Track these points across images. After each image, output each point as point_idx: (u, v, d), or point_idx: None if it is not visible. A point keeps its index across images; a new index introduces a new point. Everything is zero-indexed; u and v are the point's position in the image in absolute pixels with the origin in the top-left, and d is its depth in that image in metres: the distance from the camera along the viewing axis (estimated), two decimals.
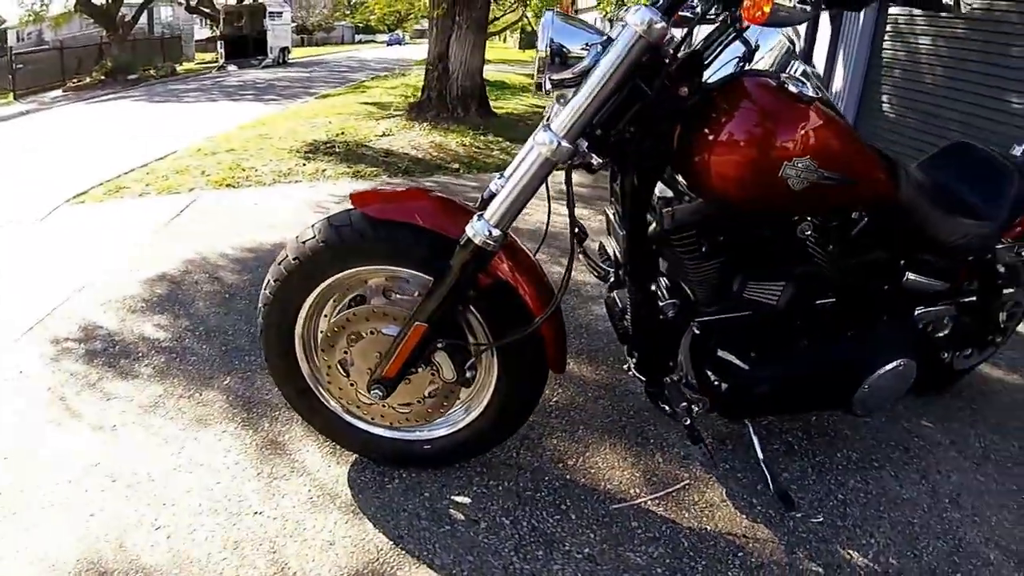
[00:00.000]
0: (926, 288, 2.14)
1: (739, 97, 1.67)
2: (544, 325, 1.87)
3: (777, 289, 1.87)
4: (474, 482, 2.17)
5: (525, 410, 2.13)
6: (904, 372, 2.08)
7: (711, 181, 1.69)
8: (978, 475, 2.32)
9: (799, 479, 2.24)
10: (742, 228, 1.85)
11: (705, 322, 1.94)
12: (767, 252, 1.87)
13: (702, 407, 2.01)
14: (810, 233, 1.85)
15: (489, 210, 1.71)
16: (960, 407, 2.66)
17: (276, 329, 1.99)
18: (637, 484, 2.21)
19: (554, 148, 1.59)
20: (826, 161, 1.67)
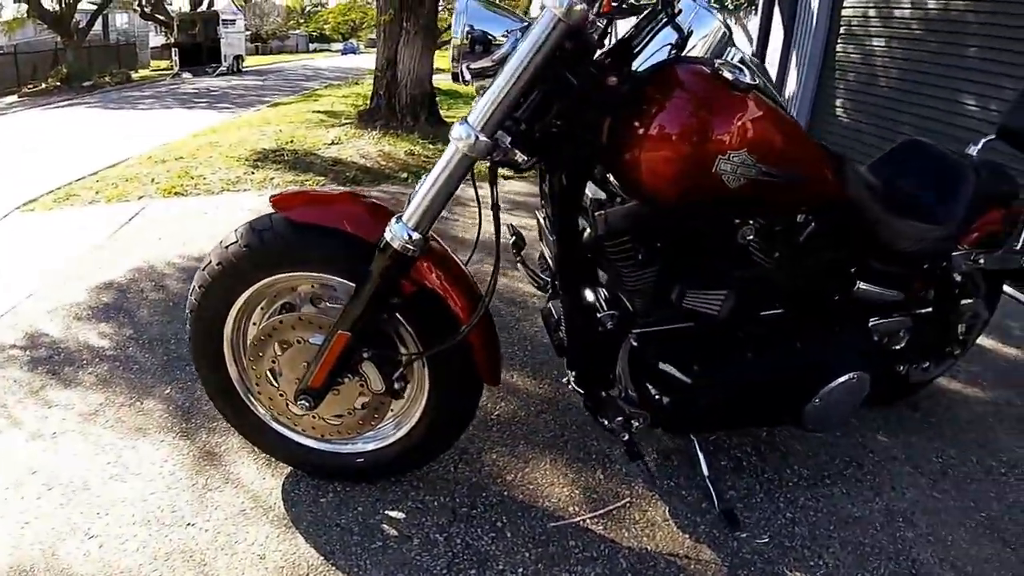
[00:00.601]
0: (879, 298, 2.01)
1: (670, 86, 1.52)
2: (473, 335, 1.74)
3: (719, 298, 1.72)
4: (409, 497, 2.04)
5: (459, 424, 2.01)
6: (857, 385, 1.95)
7: (642, 178, 1.54)
8: (935, 492, 2.18)
9: (746, 497, 2.10)
10: (680, 233, 1.70)
11: (643, 333, 1.79)
12: (707, 259, 1.73)
13: (642, 422, 1.87)
14: (752, 238, 1.71)
15: (407, 212, 1.58)
16: (918, 421, 2.54)
17: (204, 337, 1.89)
18: (577, 501, 2.07)
19: (471, 142, 1.46)
20: (765, 156, 1.53)
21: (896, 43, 5.05)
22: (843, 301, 1.96)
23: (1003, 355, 3.09)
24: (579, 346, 1.85)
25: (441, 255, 1.79)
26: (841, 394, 1.93)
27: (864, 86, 5.37)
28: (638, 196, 1.61)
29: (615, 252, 1.68)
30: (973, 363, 2.94)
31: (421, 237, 1.56)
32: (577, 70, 1.48)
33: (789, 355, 1.93)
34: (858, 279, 1.95)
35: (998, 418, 2.60)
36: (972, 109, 4.25)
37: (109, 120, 11.74)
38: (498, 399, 2.53)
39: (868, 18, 5.35)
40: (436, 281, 1.73)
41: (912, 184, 2.15)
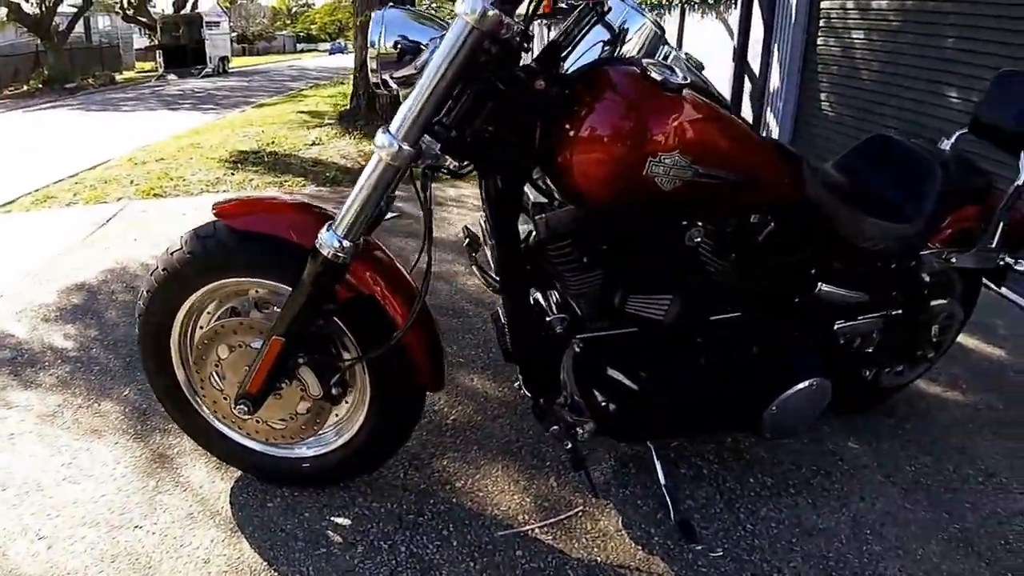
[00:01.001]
0: (843, 300, 1.88)
1: (599, 88, 1.45)
2: (412, 339, 1.69)
3: (663, 303, 1.63)
4: (356, 502, 1.96)
5: (401, 430, 1.93)
6: (817, 392, 1.82)
7: (574, 181, 1.46)
8: (906, 503, 2.06)
9: (705, 507, 1.97)
10: (622, 236, 1.61)
11: (588, 338, 1.69)
12: (651, 262, 1.63)
13: (586, 430, 1.75)
14: (701, 240, 1.61)
15: (337, 220, 1.54)
16: (892, 427, 2.41)
17: (152, 340, 1.88)
18: (527, 510, 1.95)
19: (393, 151, 1.42)
20: (701, 157, 1.44)
21: (876, 35, 4.89)
22: (804, 303, 1.83)
23: (985, 355, 2.95)
24: (523, 351, 1.74)
25: (380, 260, 1.75)
26: (800, 401, 1.80)
27: (847, 79, 5.22)
28: (572, 200, 1.53)
29: (557, 256, 1.59)
30: (954, 364, 2.80)
31: (352, 244, 1.52)
32: (503, 75, 1.42)
33: (744, 360, 1.81)
34: (820, 281, 1.83)
35: (977, 423, 2.47)
36: (954, 100, 4.11)
37: (91, 122, 11.66)
38: (455, 402, 2.41)
39: (847, 10, 5.20)
40: (373, 286, 1.70)
41: (878, 181, 2.02)
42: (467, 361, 2.74)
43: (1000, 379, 2.76)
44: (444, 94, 1.39)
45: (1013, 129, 2.08)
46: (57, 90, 18.66)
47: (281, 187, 5.53)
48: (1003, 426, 2.45)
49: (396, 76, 1.58)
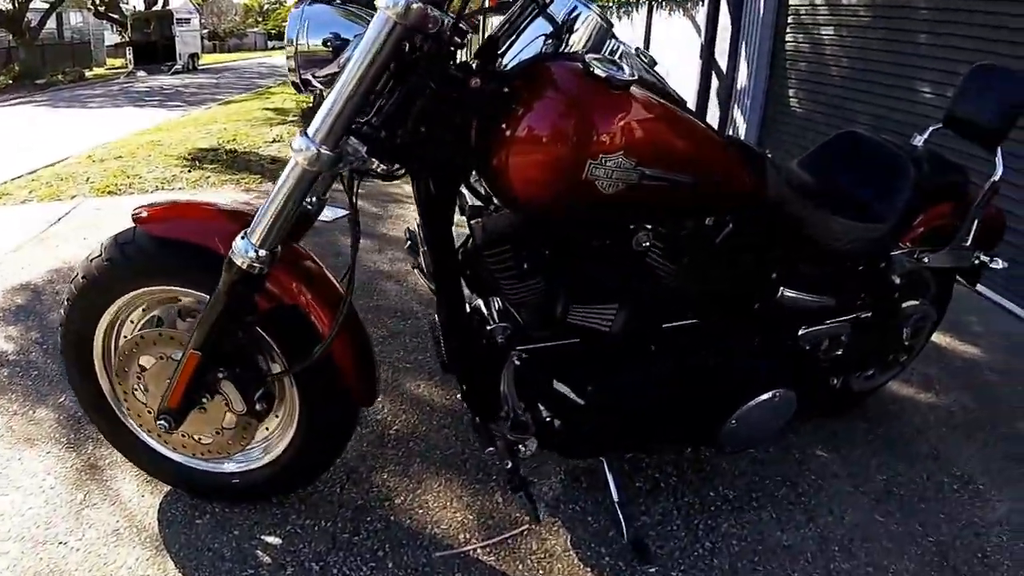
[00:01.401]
0: (808, 304, 1.73)
1: (538, 85, 1.30)
2: (340, 351, 1.56)
3: (608, 313, 1.48)
4: (289, 520, 1.79)
5: (333, 445, 1.78)
6: (780, 404, 1.67)
7: (511, 186, 1.32)
8: (877, 514, 1.91)
9: (661, 523, 1.81)
10: (564, 242, 1.46)
11: (528, 350, 1.52)
12: (596, 269, 1.48)
13: (530, 447, 1.59)
14: (651, 244, 1.46)
15: (252, 228, 1.39)
16: (863, 432, 2.25)
17: (74, 349, 1.76)
18: (470, 528, 1.78)
19: (311, 156, 1.27)
20: (648, 159, 1.29)
21: (846, 31, 4.75)
22: (765, 309, 1.67)
23: (959, 353, 2.82)
24: (461, 363, 1.59)
25: (305, 268, 1.60)
26: (761, 414, 1.65)
27: (816, 76, 5.09)
28: (509, 204, 1.38)
29: (494, 262, 1.44)
30: (928, 364, 2.66)
31: (268, 254, 1.39)
32: (435, 72, 1.28)
33: (700, 371, 1.64)
34: (782, 285, 1.67)
35: (952, 425, 2.32)
36: (927, 96, 3.98)
37: (56, 119, 11.32)
38: (399, 411, 2.24)
39: (816, 6, 5.06)
40: (297, 296, 1.56)
41: (846, 179, 1.88)
42: (414, 366, 2.56)
43: (975, 379, 2.62)
44: (365, 94, 1.26)
45: (989, 124, 1.93)
46: (28, 86, 18.12)
47: (238, 184, 5.31)
48: (978, 428, 2.31)
49: (319, 76, 1.47)
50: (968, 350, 2.85)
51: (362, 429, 2.11)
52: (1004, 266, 2.06)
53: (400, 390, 2.31)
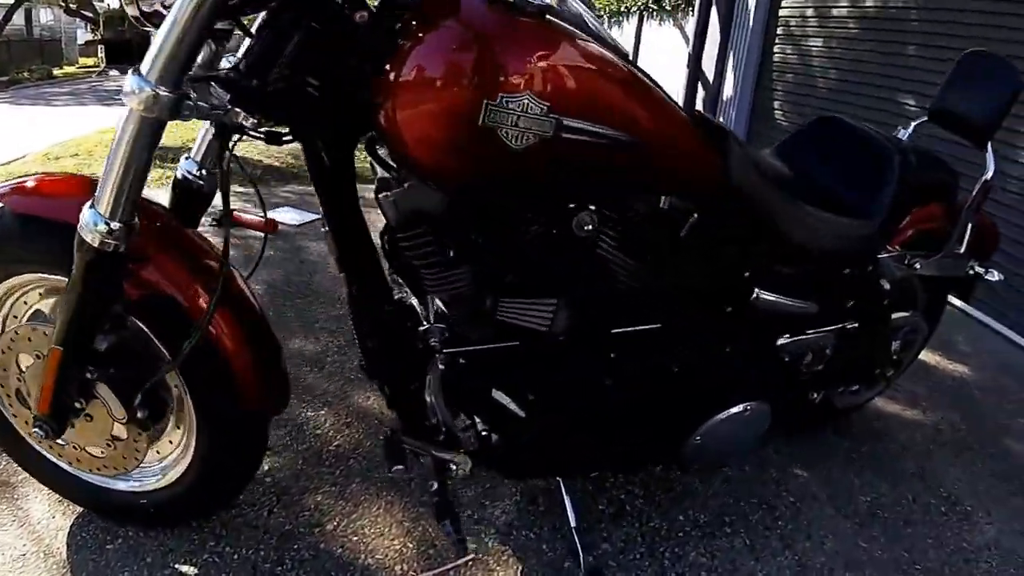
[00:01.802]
0: (786, 310, 1.54)
1: (433, 16, 1.06)
2: (236, 352, 1.34)
3: (546, 310, 1.26)
4: (207, 547, 1.58)
5: (241, 461, 1.55)
6: (751, 419, 1.49)
7: (406, 145, 1.07)
8: (860, 539, 1.73)
9: (623, 551, 1.62)
10: (491, 222, 1.22)
11: (457, 353, 1.30)
12: (533, 257, 1.24)
13: (462, 466, 1.39)
14: (594, 229, 1.22)
15: (97, 195, 1.16)
16: (845, 451, 2.08)
17: None
18: (408, 557, 1.58)
19: (147, 99, 1.04)
20: (564, 103, 1.05)
21: (835, 42, 4.64)
22: (738, 314, 1.48)
23: (947, 371, 2.65)
24: (380, 368, 1.38)
25: (187, 251, 1.37)
26: (730, 429, 1.47)
27: (803, 88, 4.97)
28: (410, 169, 1.12)
29: (411, 246, 1.19)
30: (914, 382, 2.49)
31: (123, 226, 1.16)
32: (312, 3, 1.07)
33: (659, 382, 1.45)
34: (756, 287, 1.47)
35: (939, 444, 2.15)
36: (912, 109, 3.86)
37: (17, 116, 10.90)
38: (342, 424, 2.03)
39: (806, 18, 4.95)
40: (173, 283, 1.33)
41: (824, 169, 1.68)
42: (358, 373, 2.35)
43: (962, 396, 2.46)
44: (208, 19, 1.02)
45: (979, 117, 1.76)
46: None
47: None
48: (965, 448, 2.14)
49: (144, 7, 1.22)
50: (955, 368, 2.69)
51: (299, 444, 1.92)
52: (1000, 278, 1.89)
53: (347, 402, 2.11)
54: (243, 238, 3.42)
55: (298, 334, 2.50)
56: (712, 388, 1.48)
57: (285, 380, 1.47)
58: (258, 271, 3.00)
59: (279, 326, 2.53)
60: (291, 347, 2.41)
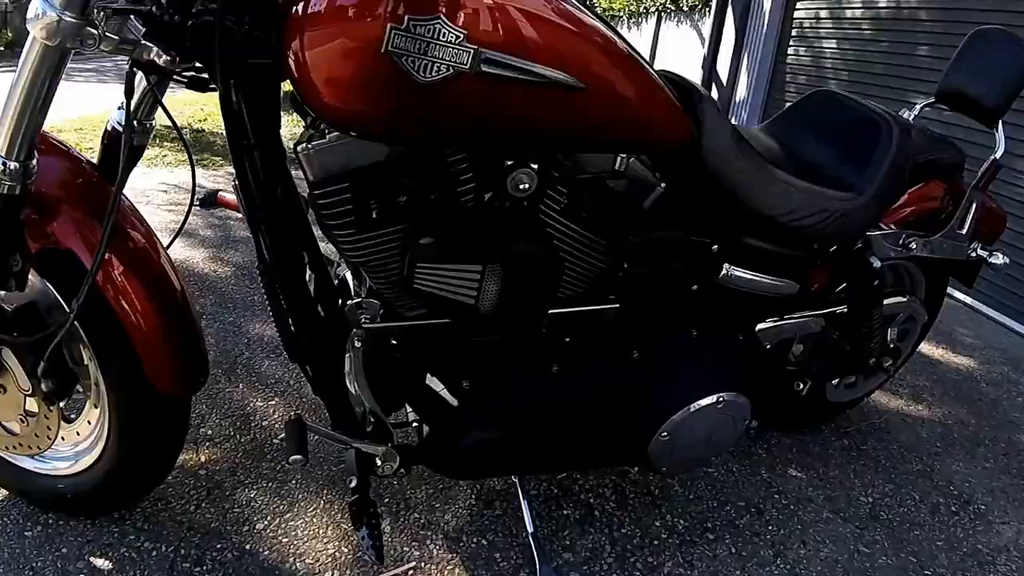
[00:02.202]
0: (763, 289, 1.33)
1: None
2: (144, 325, 1.17)
3: (470, 280, 1.04)
4: (127, 540, 1.38)
5: (157, 446, 1.36)
6: (726, 412, 1.28)
7: (314, 86, 0.89)
8: (862, 545, 1.51)
9: (589, 561, 1.40)
10: (421, 177, 1.03)
11: (375, 332, 1.11)
12: (458, 218, 1.05)
13: (391, 462, 1.17)
14: (532, 189, 1.03)
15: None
16: (842, 449, 1.86)
17: None
18: (343, 563, 1.36)
19: (51, 25, 0.92)
20: (483, 34, 0.86)
21: (848, 44, 4.50)
22: (706, 293, 1.27)
23: (951, 365, 2.43)
24: (297, 346, 1.16)
25: (90, 193, 1.19)
26: (703, 425, 1.26)
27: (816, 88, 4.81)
28: (320, 115, 0.94)
29: (327, 206, 1.00)
30: (917, 375, 2.28)
31: (18, 166, 1.05)
32: None
33: (618, 369, 1.25)
34: (726, 262, 1.26)
35: (947, 442, 1.93)
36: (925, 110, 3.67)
37: None
38: (291, 407, 1.83)
39: (820, 19, 4.80)
40: (71, 236, 1.16)
41: (815, 142, 1.48)
42: None
43: (971, 392, 2.24)
44: None
45: (990, 95, 1.57)
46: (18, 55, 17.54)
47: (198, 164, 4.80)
48: (977, 445, 1.93)
49: None
50: (961, 362, 2.46)
51: (242, 436, 1.71)
52: (1005, 261, 1.69)
53: (302, 393, 1.89)
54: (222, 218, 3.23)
55: (260, 319, 2.30)
56: (678, 377, 1.26)
57: (201, 360, 1.28)
58: (229, 253, 2.85)
59: (242, 309, 2.37)
60: (250, 332, 2.21)
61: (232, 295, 2.44)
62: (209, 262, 2.73)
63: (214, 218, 3.19)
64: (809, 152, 1.45)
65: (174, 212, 3.32)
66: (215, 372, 1.95)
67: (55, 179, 1.16)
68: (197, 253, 2.80)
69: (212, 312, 2.30)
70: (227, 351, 2.07)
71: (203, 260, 2.74)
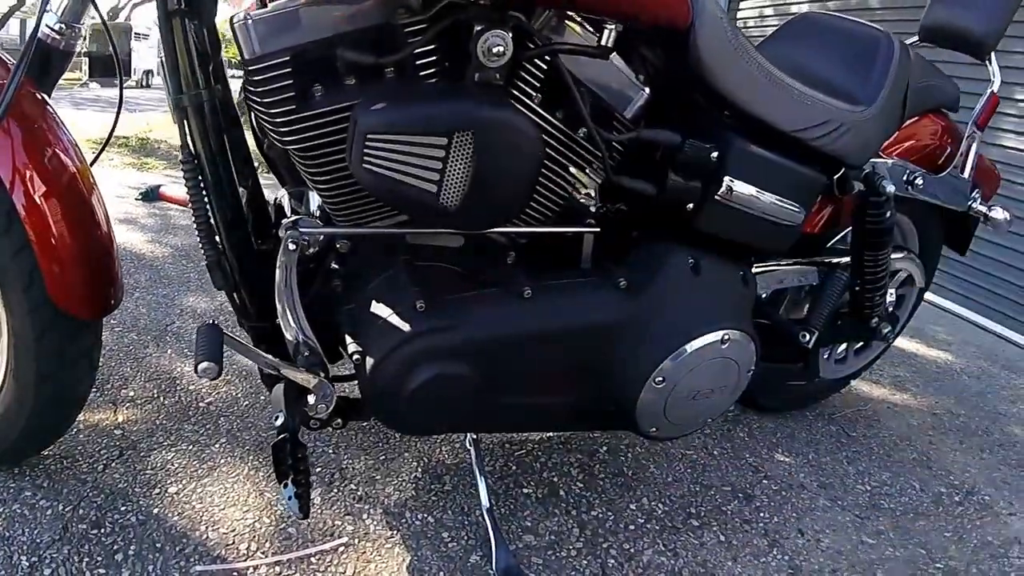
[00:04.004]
0: (769, 213, 1.07)
1: None
2: (49, 232, 0.95)
3: (436, 161, 0.79)
4: (22, 496, 1.13)
5: (58, 383, 1.06)
6: (731, 353, 1.01)
7: None
8: (865, 535, 1.25)
9: (555, 546, 1.11)
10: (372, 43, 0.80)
11: (310, 238, 0.87)
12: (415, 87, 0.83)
13: (324, 402, 0.89)
14: (504, 53, 0.80)
15: None
16: (831, 435, 1.61)
17: None
18: (262, 535, 1.07)
19: None
20: None
21: None
22: (706, 213, 1.00)
23: (931, 358, 2.21)
24: (218, 254, 0.92)
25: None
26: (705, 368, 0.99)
27: None
28: None
29: (263, 82, 0.79)
30: (897, 366, 2.05)
31: None
32: None
33: (604, 298, 0.97)
34: (728, 175, 1.00)
35: (940, 431, 1.69)
36: None
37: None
38: (221, 382, 1.51)
39: (764, 17, 4.58)
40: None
41: (807, 56, 1.24)
42: None
43: (954, 384, 2.01)
44: None
45: (979, 25, 1.34)
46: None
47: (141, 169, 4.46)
48: (970, 435, 1.69)
49: None
50: (939, 355, 2.24)
51: (166, 398, 1.42)
52: (1006, 217, 1.46)
53: (233, 360, 1.59)
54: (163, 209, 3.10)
55: (194, 293, 2.04)
56: (677, 308, 0.99)
57: (112, 280, 1.02)
58: (168, 237, 2.63)
59: (177, 285, 2.07)
60: (183, 304, 1.96)
61: (168, 272, 2.20)
62: (147, 244, 2.52)
63: (155, 209, 3.07)
64: (806, 65, 1.19)
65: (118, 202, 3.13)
66: (143, 339, 1.69)
67: None
68: (136, 236, 2.59)
69: (145, 286, 2.06)
70: (158, 320, 1.82)
71: (141, 243, 2.52)
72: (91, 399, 1.37)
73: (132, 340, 1.68)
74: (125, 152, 4.89)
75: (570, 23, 0.87)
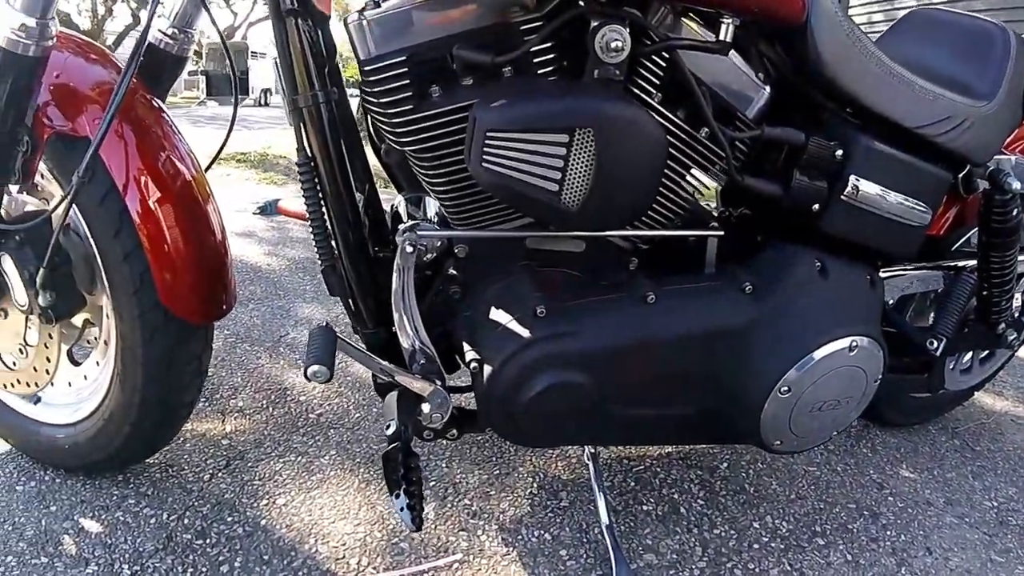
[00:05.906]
0: (896, 213, 0.99)
1: None
2: (163, 239, 0.94)
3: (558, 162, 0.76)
4: (124, 505, 1.13)
5: (167, 388, 1.06)
6: (859, 361, 0.93)
7: None
8: (994, 553, 1.15)
9: (677, 565, 1.05)
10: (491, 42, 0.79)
11: (429, 241, 0.85)
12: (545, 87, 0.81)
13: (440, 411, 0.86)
14: (623, 48, 0.77)
15: None
16: (954, 450, 1.49)
17: None
18: (372, 549, 1.05)
19: None
20: None
21: None
22: (831, 214, 0.93)
23: None
24: (329, 257, 0.92)
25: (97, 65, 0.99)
26: (833, 377, 0.92)
27: None
28: None
29: (380, 82, 0.79)
30: (1020, 376, 1.89)
31: (39, 25, 0.85)
32: None
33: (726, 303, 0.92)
34: (854, 173, 0.93)
35: None
36: None
37: None
38: (331, 394, 1.52)
39: (873, 23, 4.48)
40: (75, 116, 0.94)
41: (924, 50, 1.17)
42: None
43: None
44: None
45: None
46: None
47: (260, 182, 4.62)
48: None
49: None
50: None
51: (275, 409, 1.44)
52: None
53: (347, 371, 1.60)
54: (280, 222, 3.18)
55: (310, 304, 2.09)
56: (803, 314, 0.92)
57: (226, 285, 1.03)
58: (285, 250, 2.69)
59: (293, 296, 2.10)
60: (298, 314, 2.00)
61: (284, 284, 2.24)
62: (264, 256, 2.59)
63: (273, 222, 3.15)
64: (923, 60, 1.12)
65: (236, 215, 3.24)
66: (256, 349, 1.72)
67: (81, 75, 0.98)
68: (253, 249, 2.66)
69: (261, 297, 2.11)
70: (271, 331, 1.85)
71: (258, 255, 2.59)
72: (199, 409, 1.39)
73: (244, 350, 1.71)
74: (244, 167, 5.04)
75: (686, 20, 0.83)
